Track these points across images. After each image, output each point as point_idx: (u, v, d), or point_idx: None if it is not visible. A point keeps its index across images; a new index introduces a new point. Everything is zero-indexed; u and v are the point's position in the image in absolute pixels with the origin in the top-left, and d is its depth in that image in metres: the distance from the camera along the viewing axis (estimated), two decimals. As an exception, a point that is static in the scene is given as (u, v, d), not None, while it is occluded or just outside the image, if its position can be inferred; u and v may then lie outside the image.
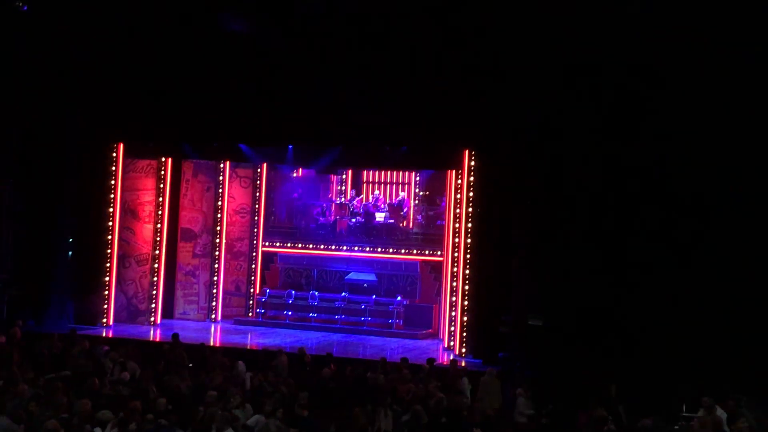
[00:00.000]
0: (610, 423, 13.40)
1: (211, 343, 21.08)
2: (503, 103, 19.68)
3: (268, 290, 24.63)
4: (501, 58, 19.49)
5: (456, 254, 21.18)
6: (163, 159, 23.82)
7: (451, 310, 21.43)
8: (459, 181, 21.31)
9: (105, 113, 22.30)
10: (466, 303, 20.80)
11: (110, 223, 23.02)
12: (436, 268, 23.68)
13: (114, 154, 23.02)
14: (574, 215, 18.99)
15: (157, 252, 23.83)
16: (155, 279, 23.80)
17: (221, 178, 24.85)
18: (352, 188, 26.30)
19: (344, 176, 26.58)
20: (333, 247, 24.58)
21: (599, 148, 18.87)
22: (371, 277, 24.27)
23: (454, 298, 21.25)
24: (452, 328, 21.26)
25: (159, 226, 23.84)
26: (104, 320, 22.80)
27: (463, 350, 20.62)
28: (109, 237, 23.03)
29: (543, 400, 15.63)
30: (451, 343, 21.20)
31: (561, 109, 19.04)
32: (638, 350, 17.80)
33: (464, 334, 20.74)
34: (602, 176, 18.91)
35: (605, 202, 18.75)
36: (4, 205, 22.97)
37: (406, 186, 26.40)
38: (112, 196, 23.01)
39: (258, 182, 25.46)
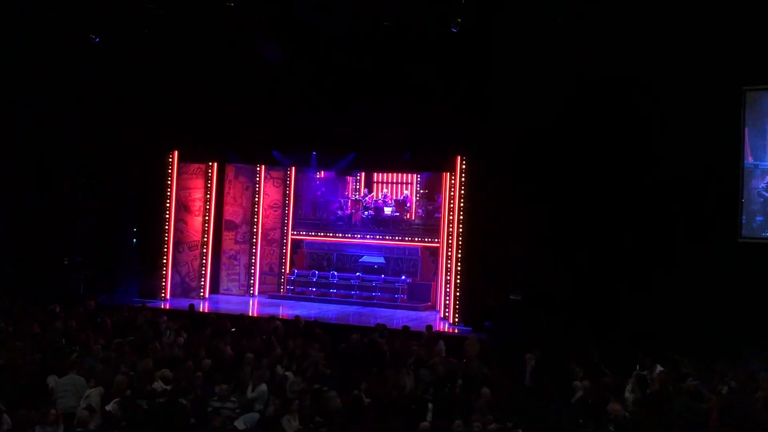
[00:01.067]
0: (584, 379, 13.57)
1: (250, 314, 21.33)
2: (490, 115, 19.67)
3: (296, 271, 24.72)
4: (491, 81, 19.48)
5: (450, 241, 21.26)
6: (210, 163, 24.04)
7: (446, 287, 21.48)
8: (453, 182, 21.43)
9: (163, 126, 22.54)
10: (458, 281, 20.96)
11: (167, 216, 23.29)
12: (434, 252, 23.62)
13: (170, 159, 23.29)
14: (550, 211, 19.04)
15: (205, 239, 24.02)
16: (204, 261, 23.98)
17: (257, 178, 25.05)
18: (365, 187, 26.24)
19: (359, 177, 26.47)
20: (349, 235, 24.78)
21: (576, 153, 18.78)
22: (381, 260, 24.33)
23: (448, 277, 21.32)
24: (447, 302, 21.31)
25: (207, 218, 23.97)
26: (162, 295, 23.10)
27: (456, 319, 20.78)
28: (166, 227, 23.31)
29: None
30: (446, 314, 21.25)
31: (541, 120, 18.78)
32: (603, 319, 17.87)
33: (457, 306, 20.88)
34: (571, 175, 18.85)
35: (576, 198, 18.65)
36: (78, 201, 23.55)
37: (409, 185, 26.14)
38: (168, 193, 23.26)
39: (288, 182, 25.49)
